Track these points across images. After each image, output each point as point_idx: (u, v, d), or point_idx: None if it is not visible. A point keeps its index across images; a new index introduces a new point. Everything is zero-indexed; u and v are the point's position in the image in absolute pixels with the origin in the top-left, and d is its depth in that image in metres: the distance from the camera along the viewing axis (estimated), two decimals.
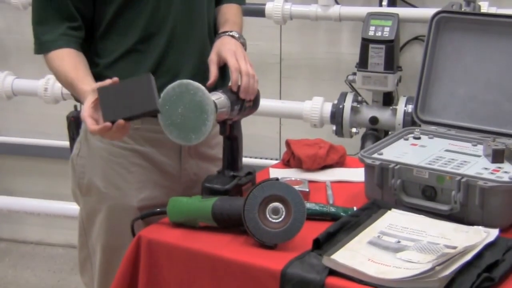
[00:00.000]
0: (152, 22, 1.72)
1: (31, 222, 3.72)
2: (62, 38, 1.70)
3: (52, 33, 1.70)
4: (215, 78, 1.71)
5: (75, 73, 1.67)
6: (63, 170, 1.90)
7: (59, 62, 1.70)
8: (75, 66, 1.68)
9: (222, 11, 1.90)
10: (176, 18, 1.75)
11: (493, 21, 1.86)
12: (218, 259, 1.49)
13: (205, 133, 1.54)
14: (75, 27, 1.72)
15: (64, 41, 1.70)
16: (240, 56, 1.71)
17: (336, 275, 1.37)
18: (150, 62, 1.73)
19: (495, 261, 1.38)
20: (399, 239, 1.46)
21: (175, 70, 1.74)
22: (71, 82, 1.67)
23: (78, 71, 1.67)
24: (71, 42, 1.71)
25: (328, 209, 1.63)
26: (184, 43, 1.76)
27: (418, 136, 1.83)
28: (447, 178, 1.58)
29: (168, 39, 1.74)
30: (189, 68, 1.75)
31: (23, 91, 3.22)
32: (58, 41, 1.70)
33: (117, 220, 1.78)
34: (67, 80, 1.69)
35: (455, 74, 1.89)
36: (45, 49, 1.72)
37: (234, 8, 1.92)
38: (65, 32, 1.70)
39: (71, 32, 1.71)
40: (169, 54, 1.75)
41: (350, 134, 2.79)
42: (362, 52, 2.68)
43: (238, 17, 1.90)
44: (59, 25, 1.70)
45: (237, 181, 1.68)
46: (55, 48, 1.70)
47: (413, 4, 2.94)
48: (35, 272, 3.53)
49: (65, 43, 1.70)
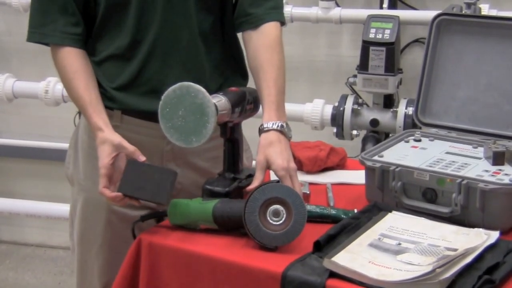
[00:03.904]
0: (138, 29, 1.70)
1: (32, 224, 3.73)
2: (67, 36, 1.70)
3: (53, 24, 1.70)
4: (259, 184, 1.56)
5: (88, 97, 1.68)
6: (64, 172, 1.91)
7: (69, 70, 1.70)
8: (87, 86, 1.69)
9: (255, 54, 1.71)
10: (159, 28, 1.71)
11: (493, 24, 1.86)
12: (219, 262, 1.49)
13: (206, 136, 1.54)
14: (74, 22, 1.71)
15: (69, 40, 1.70)
16: (294, 175, 1.58)
17: (336, 278, 1.37)
18: (132, 69, 1.72)
19: (496, 263, 1.38)
20: (400, 241, 1.46)
21: (156, 81, 1.72)
22: (83, 105, 1.68)
23: (91, 94, 1.69)
24: (75, 40, 1.71)
25: (329, 212, 1.63)
26: (166, 54, 1.72)
27: (418, 138, 1.83)
28: (448, 181, 1.58)
29: (149, 49, 1.71)
30: (172, 80, 1.61)
31: (23, 94, 3.22)
32: (63, 38, 1.70)
33: (91, 213, 1.80)
34: (77, 100, 1.69)
35: (455, 76, 1.90)
36: (43, 39, 1.72)
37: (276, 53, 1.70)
38: (65, 28, 1.70)
39: (72, 29, 1.71)
40: (151, 64, 1.72)
41: (351, 136, 2.79)
42: (362, 55, 2.68)
43: (281, 76, 1.68)
44: (60, 18, 1.70)
45: (237, 183, 1.68)
46: (58, 43, 1.70)
47: (413, 6, 2.94)
48: (35, 275, 3.53)
49: (70, 41, 1.70)
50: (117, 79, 1.73)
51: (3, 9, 3.33)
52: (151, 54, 1.72)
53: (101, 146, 1.63)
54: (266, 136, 1.62)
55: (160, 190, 1.56)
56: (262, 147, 1.62)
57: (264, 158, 1.60)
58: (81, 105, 1.69)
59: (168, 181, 1.56)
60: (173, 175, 1.57)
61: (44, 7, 1.71)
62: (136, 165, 1.59)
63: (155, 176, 1.56)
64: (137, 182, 1.57)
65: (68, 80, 1.71)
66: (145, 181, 1.57)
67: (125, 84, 1.73)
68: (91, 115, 1.67)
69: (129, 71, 1.73)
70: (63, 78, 1.73)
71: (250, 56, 1.74)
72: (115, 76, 1.73)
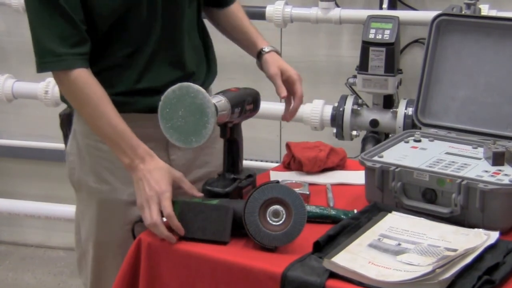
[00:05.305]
0: (137, 39, 1.71)
1: (31, 225, 3.72)
2: (79, 58, 1.64)
3: (62, 48, 1.63)
4: (286, 92, 1.80)
5: (123, 124, 1.64)
6: (63, 173, 1.90)
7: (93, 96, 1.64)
8: (116, 112, 1.65)
9: (234, 17, 1.93)
10: (160, 33, 1.73)
11: (493, 24, 1.86)
12: (219, 262, 1.49)
13: (206, 136, 1.54)
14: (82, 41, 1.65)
15: (82, 61, 1.65)
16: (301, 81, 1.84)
17: (336, 278, 1.37)
18: (133, 76, 1.73)
19: (496, 264, 1.38)
20: (400, 241, 1.46)
21: (156, 83, 1.73)
22: (121, 132, 1.64)
23: (123, 122, 1.65)
24: (85, 60, 1.66)
25: (329, 212, 1.63)
26: (167, 58, 1.75)
27: (418, 138, 1.83)
28: (448, 181, 1.58)
29: (150, 56, 1.73)
30: (171, 80, 1.67)
31: (23, 94, 3.22)
32: (75, 60, 1.64)
33: (107, 215, 1.78)
34: (111, 127, 1.64)
35: (455, 76, 1.90)
36: (57, 67, 1.64)
37: (242, 11, 1.95)
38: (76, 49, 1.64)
39: (82, 49, 1.65)
40: (150, 69, 1.74)
41: (351, 136, 2.79)
42: (362, 55, 2.68)
43: (251, 24, 1.95)
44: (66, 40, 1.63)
45: (237, 183, 1.68)
46: (71, 68, 1.64)
47: (413, 7, 2.94)
48: (35, 275, 3.53)
49: (83, 63, 1.65)
50: (118, 86, 1.72)
51: (2, 9, 3.32)
52: (151, 61, 1.73)
53: (159, 171, 1.61)
54: (270, 55, 1.86)
55: (221, 228, 1.54)
56: (272, 62, 1.84)
57: (278, 69, 1.82)
58: (117, 131, 1.64)
59: (227, 218, 1.54)
60: (230, 211, 1.54)
61: (46, 31, 1.63)
62: (190, 205, 1.57)
63: (213, 214, 1.55)
64: (196, 222, 1.55)
65: (94, 107, 1.65)
66: (203, 221, 1.55)
67: (126, 91, 1.73)
68: (137, 142, 1.64)
69: (129, 78, 1.73)
70: (85, 104, 1.67)
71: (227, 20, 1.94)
72: (115, 84, 1.72)
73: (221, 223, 1.54)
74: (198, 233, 1.55)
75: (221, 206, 1.56)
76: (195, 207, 1.56)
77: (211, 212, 1.55)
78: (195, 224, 1.55)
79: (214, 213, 1.54)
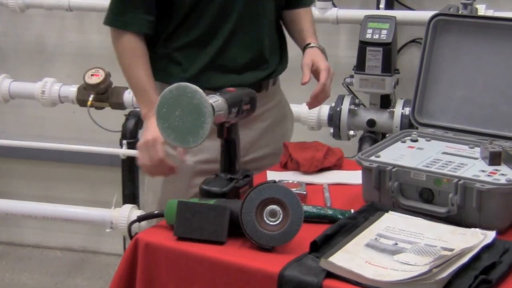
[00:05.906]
0: (217, 19, 1.89)
1: (28, 225, 3.72)
2: (144, 24, 1.89)
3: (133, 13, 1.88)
4: (308, 79, 1.91)
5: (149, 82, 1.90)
6: (60, 173, 1.91)
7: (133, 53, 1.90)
8: (149, 72, 1.91)
9: (299, 18, 2.08)
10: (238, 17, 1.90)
11: (490, 24, 1.87)
12: (216, 262, 1.49)
13: (203, 136, 1.54)
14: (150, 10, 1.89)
15: (146, 28, 1.90)
16: (330, 78, 1.96)
17: (333, 278, 1.37)
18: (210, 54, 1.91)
19: (492, 263, 1.38)
20: (397, 241, 1.47)
21: (232, 63, 1.92)
22: (144, 84, 1.90)
23: (151, 81, 1.91)
24: (148, 27, 1.90)
25: (326, 212, 1.63)
26: (244, 38, 1.92)
27: (415, 138, 1.83)
28: (445, 181, 1.58)
29: (229, 34, 1.90)
30: (245, 60, 1.93)
31: (20, 94, 3.22)
32: (141, 26, 1.89)
33: (174, 178, 1.90)
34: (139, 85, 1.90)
35: (452, 76, 1.90)
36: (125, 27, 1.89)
37: (309, 15, 2.10)
38: (144, 16, 1.88)
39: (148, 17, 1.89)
40: (230, 47, 1.91)
41: (348, 136, 2.79)
42: (359, 55, 2.68)
43: (314, 26, 2.10)
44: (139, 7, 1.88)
45: (234, 183, 1.68)
46: (136, 31, 1.89)
47: (410, 7, 2.94)
48: (32, 275, 3.53)
49: (146, 29, 1.90)
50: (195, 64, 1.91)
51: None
52: (230, 40, 1.91)
53: None
54: (312, 49, 1.99)
55: (218, 228, 1.54)
56: (308, 54, 1.96)
57: (310, 60, 1.94)
58: (143, 86, 1.89)
59: (223, 218, 1.54)
60: (227, 211, 1.54)
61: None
62: (187, 206, 1.57)
63: (210, 215, 1.55)
64: (193, 223, 1.55)
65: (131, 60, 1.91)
66: (200, 221, 1.55)
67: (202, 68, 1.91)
68: (156, 99, 1.65)
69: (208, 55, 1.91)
70: (126, 57, 1.91)
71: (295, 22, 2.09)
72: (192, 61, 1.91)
73: (218, 223, 1.54)
74: (195, 233, 1.55)
75: (218, 206, 1.56)
76: (192, 207, 1.56)
77: (208, 212, 1.55)
78: (192, 224, 1.55)
79: (211, 213, 1.55)
